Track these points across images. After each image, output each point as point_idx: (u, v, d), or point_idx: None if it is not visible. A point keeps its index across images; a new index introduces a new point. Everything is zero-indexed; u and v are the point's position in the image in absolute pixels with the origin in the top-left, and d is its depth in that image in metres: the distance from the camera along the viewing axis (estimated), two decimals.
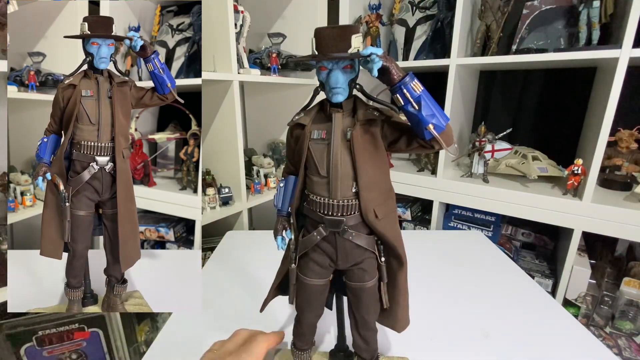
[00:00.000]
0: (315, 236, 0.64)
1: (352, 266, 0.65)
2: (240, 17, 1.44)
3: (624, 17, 1.11)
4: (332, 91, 0.58)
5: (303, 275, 0.67)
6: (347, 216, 0.61)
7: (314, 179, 0.62)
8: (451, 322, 0.91)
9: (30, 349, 1.13)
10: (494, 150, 1.56)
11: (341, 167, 0.59)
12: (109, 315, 1.18)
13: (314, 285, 0.67)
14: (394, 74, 0.52)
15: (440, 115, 0.52)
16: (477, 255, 1.28)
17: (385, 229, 0.62)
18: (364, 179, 0.59)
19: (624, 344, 1.18)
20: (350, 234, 0.62)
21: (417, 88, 0.52)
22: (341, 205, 0.60)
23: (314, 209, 0.63)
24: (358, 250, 0.63)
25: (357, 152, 0.58)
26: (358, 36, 0.56)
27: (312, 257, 0.66)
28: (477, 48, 1.51)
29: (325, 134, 0.60)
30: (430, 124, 0.52)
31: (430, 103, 0.52)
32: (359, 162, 0.58)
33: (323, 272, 0.66)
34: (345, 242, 0.63)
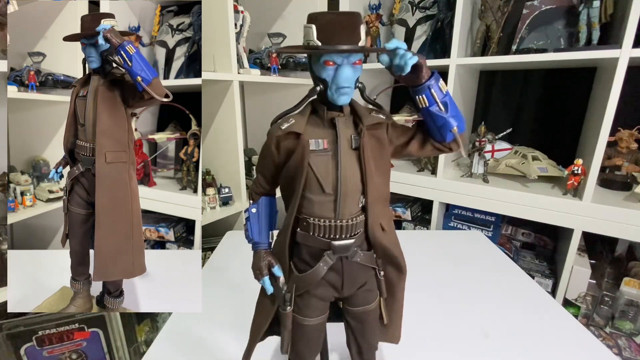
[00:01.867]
0: (321, 267, 0.53)
1: (357, 289, 0.58)
2: (240, 17, 1.44)
3: (624, 17, 1.11)
4: (340, 91, 0.49)
5: (303, 316, 0.57)
6: (355, 236, 0.54)
7: (315, 199, 0.52)
8: (451, 322, 0.91)
9: (30, 349, 1.13)
10: (494, 150, 1.56)
11: (350, 180, 0.51)
12: (109, 315, 1.18)
13: (316, 324, 0.58)
14: (424, 72, 0.49)
15: (460, 117, 0.51)
16: (477, 255, 1.28)
17: (390, 242, 0.57)
18: (373, 192, 0.52)
19: (624, 344, 1.18)
20: (358, 255, 0.55)
21: (444, 88, 0.50)
22: (349, 225, 0.53)
23: (315, 234, 0.53)
24: (363, 270, 0.57)
25: (366, 162, 0.51)
26: (364, 28, 0.49)
27: (315, 293, 0.56)
28: (477, 48, 1.51)
29: (327, 143, 0.51)
30: (455, 125, 0.50)
31: (454, 103, 0.51)
32: (368, 173, 0.51)
33: (324, 307, 0.58)
34: (353, 265, 0.55)
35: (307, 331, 0.58)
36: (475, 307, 0.97)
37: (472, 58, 1.47)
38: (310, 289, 0.55)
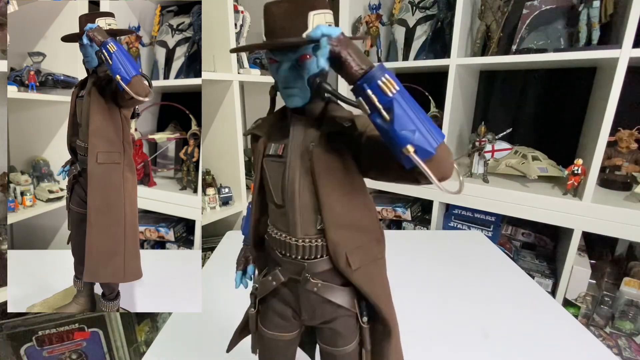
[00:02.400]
0: (269, 281, 0.49)
1: (322, 324, 0.50)
2: (240, 17, 1.44)
3: (624, 17, 1.11)
4: (284, 92, 0.44)
5: (262, 326, 0.53)
6: (309, 261, 0.46)
7: (271, 207, 0.49)
8: (451, 322, 0.91)
9: (30, 349, 1.13)
10: (494, 150, 1.56)
11: (300, 196, 0.44)
12: (109, 315, 1.18)
13: (276, 339, 0.52)
14: (351, 65, 0.35)
15: (427, 131, 0.34)
16: (477, 255, 1.28)
17: (364, 283, 0.45)
18: (330, 213, 0.44)
19: (624, 344, 1.18)
20: (314, 284, 0.46)
21: (389, 87, 0.34)
22: (301, 247, 0.46)
23: (272, 246, 0.49)
24: (328, 305, 0.47)
25: (319, 175, 0.43)
26: (322, 14, 0.40)
27: (272, 306, 0.52)
28: (477, 48, 1.51)
29: (283, 149, 0.46)
30: (409, 144, 0.33)
31: (410, 110, 0.34)
32: (322, 189, 0.43)
33: (286, 325, 0.51)
34: (310, 295, 0.47)
35: (266, 343, 0.53)
36: (475, 307, 0.97)
37: (472, 58, 1.47)
38: (268, 299, 0.52)
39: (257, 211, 0.51)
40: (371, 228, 0.48)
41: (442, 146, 0.35)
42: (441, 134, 0.35)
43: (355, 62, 0.35)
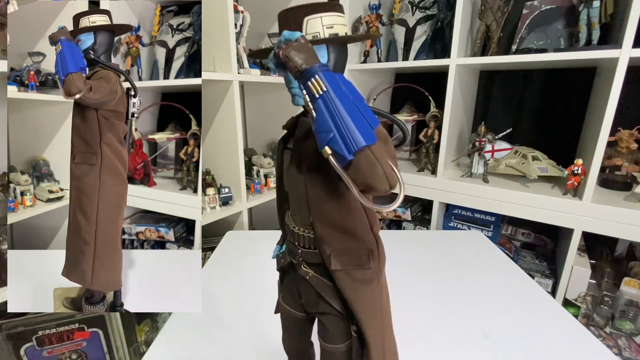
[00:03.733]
0: (279, 258, 0.55)
1: (316, 314, 0.51)
2: (240, 17, 1.44)
3: (624, 17, 1.11)
4: (289, 91, 0.45)
5: (281, 293, 0.58)
6: (304, 249, 0.49)
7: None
8: (451, 322, 0.91)
9: (30, 349, 1.13)
10: (494, 150, 1.56)
11: (296, 187, 0.48)
12: (109, 315, 1.18)
13: (288, 312, 0.56)
14: (291, 66, 0.37)
15: (347, 134, 0.33)
16: (477, 255, 1.28)
17: (345, 287, 0.46)
18: (315, 208, 0.46)
19: (624, 344, 1.18)
20: (306, 272, 0.49)
21: (317, 88, 0.35)
22: (297, 234, 0.49)
23: (285, 228, 0.54)
24: (320, 299, 0.49)
25: (306, 171, 0.45)
26: (318, 17, 0.43)
27: (286, 282, 0.57)
28: (477, 48, 1.51)
29: (292, 143, 0.50)
30: (325, 146, 0.33)
31: (334, 112, 0.34)
32: (308, 184, 0.45)
33: (295, 304, 0.55)
34: (305, 282, 0.50)
35: (282, 312, 0.58)
36: (475, 307, 0.97)
37: (472, 58, 1.47)
38: (286, 274, 0.57)
39: (279, 197, 0.56)
40: (361, 236, 0.46)
41: (363, 153, 0.33)
42: (369, 138, 0.33)
43: (295, 63, 0.36)
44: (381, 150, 0.34)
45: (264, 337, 0.86)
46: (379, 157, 0.33)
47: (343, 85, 0.35)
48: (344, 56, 0.48)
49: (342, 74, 0.45)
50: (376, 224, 0.48)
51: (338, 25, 0.45)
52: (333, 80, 0.35)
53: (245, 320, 0.92)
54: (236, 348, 0.83)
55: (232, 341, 0.85)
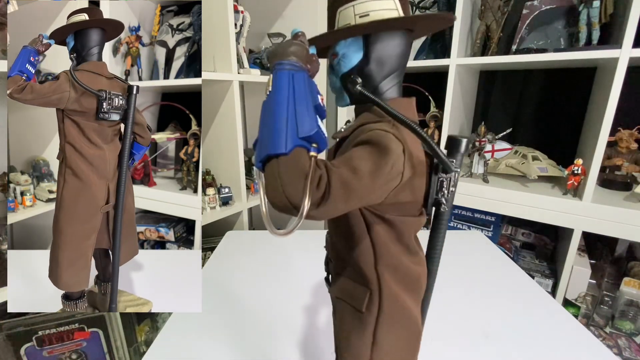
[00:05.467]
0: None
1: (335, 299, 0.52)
2: (240, 17, 1.44)
3: (624, 17, 1.11)
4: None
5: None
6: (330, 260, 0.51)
7: None
8: (451, 322, 0.91)
9: (30, 349, 1.13)
10: (494, 150, 1.56)
11: None
12: (109, 315, 1.18)
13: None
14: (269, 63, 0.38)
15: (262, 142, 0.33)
16: (477, 255, 1.28)
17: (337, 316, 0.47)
18: (329, 225, 0.47)
19: (624, 344, 1.18)
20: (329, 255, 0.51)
21: (267, 88, 0.35)
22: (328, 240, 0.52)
23: None
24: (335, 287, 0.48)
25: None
26: (350, 7, 0.40)
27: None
28: (477, 48, 1.51)
29: None
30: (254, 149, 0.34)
31: (266, 115, 0.34)
32: None
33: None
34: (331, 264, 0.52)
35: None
36: (475, 307, 0.97)
37: (472, 58, 1.47)
38: None
39: None
40: (361, 272, 0.43)
41: (269, 163, 0.32)
42: (275, 148, 0.32)
43: (269, 62, 0.37)
44: (292, 164, 0.31)
45: (264, 337, 0.86)
46: (283, 171, 0.31)
47: (294, 89, 0.34)
48: (393, 47, 0.42)
49: (398, 69, 0.42)
50: (383, 262, 0.42)
51: (378, 12, 0.39)
52: (282, 82, 0.34)
53: (245, 320, 0.92)
54: (236, 348, 0.83)
55: (232, 341, 0.85)
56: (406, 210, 0.42)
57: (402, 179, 0.37)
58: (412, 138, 0.38)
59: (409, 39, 0.44)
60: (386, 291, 0.43)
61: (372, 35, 0.41)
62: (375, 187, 0.35)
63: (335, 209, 0.33)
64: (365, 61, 0.41)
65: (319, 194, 0.32)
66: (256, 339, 0.86)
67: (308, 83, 0.36)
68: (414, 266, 0.44)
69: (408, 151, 0.37)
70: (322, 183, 0.32)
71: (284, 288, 1.05)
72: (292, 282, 1.08)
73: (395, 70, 0.43)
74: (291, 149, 0.32)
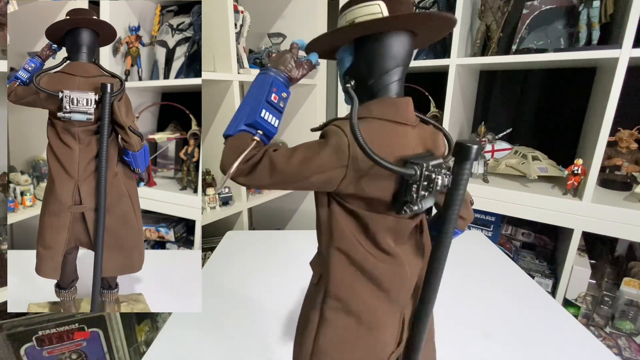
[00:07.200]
0: None
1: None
2: (240, 17, 1.44)
3: (624, 17, 1.11)
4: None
5: None
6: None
7: None
8: (451, 322, 0.91)
9: (30, 349, 1.13)
10: (494, 150, 1.56)
11: None
12: (109, 315, 1.18)
13: None
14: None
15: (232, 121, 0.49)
16: (477, 255, 1.28)
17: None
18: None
19: (624, 344, 1.18)
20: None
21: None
22: None
23: None
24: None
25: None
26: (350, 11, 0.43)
27: None
28: (477, 48, 1.51)
29: None
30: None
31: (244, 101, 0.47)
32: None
33: None
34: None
35: None
36: (475, 307, 0.97)
37: (472, 58, 1.47)
38: None
39: None
40: (321, 249, 0.50)
41: (225, 141, 0.46)
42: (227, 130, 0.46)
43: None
44: (233, 143, 0.45)
45: (264, 337, 0.86)
46: (227, 147, 0.45)
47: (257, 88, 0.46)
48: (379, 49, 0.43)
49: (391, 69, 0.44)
50: (336, 244, 0.47)
51: (364, 17, 0.42)
52: (254, 83, 0.47)
53: (245, 320, 0.93)
54: (236, 348, 0.83)
55: (232, 341, 0.85)
56: (372, 206, 0.45)
57: (346, 173, 0.42)
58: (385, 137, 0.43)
59: (404, 40, 0.44)
60: (335, 271, 0.47)
61: (358, 39, 0.44)
62: (302, 174, 0.42)
63: (259, 180, 0.44)
64: (356, 64, 0.45)
65: (247, 167, 0.43)
66: (256, 339, 0.86)
67: (274, 84, 0.46)
68: (377, 262, 0.47)
69: (354, 149, 0.41)
70: (252, 160, 0.43)
71: (284, 288, 1.05)
72: (292, 282, 1.08)
73: (387, 71, 0.44)
74: (235, 132, 0.45)
